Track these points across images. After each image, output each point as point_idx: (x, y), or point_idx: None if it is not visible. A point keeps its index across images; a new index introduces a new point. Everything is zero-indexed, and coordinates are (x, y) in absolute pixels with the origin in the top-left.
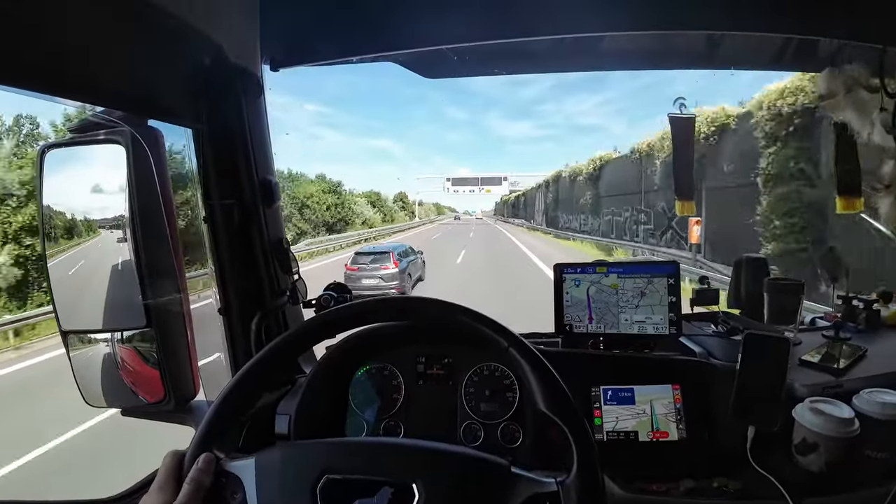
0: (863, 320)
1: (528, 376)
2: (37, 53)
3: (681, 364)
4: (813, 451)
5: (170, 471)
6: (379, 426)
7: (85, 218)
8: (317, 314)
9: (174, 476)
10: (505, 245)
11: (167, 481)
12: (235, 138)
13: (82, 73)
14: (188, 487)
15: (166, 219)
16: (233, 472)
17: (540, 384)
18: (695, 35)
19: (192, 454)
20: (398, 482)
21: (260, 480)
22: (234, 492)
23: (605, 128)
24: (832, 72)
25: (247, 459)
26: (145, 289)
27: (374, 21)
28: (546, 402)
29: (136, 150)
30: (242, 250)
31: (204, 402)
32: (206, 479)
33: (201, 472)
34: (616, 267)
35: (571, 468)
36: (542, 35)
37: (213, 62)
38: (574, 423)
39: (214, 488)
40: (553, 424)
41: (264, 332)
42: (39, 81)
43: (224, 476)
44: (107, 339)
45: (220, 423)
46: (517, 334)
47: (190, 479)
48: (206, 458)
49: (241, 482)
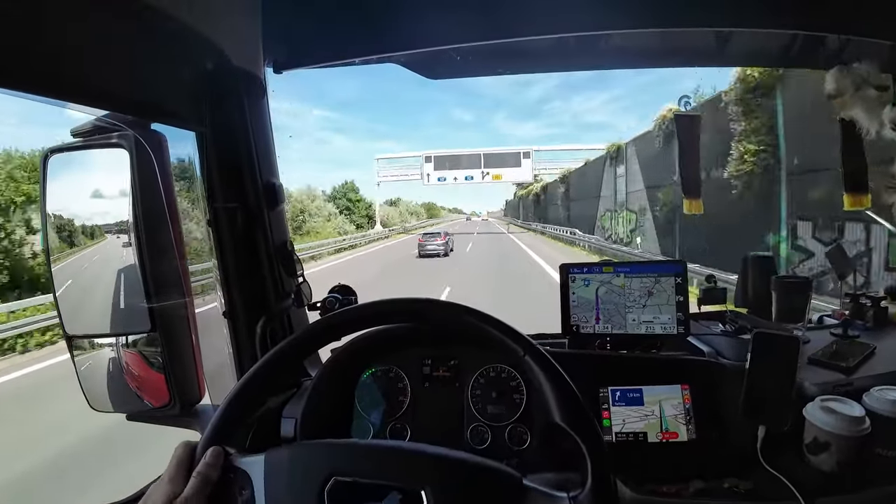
0: (870, 318)
1: (544, 386)
2: (38, 57)
3: (690, 364)
4: (825, 451)
5: (181, 462)
6: (385, 429)
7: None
8: (322, 317)
9: (184, 468)
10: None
11: (177, 473)
12: (239, 141)
13: (84, 77)
14: (195, 480)
15: (170, 223)
16: (241, 468)
17: (556, 396)
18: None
19: (202, 447)
20: (407, 488)
21: (268, 478)
22: (243, 488)
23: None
24: (840, 70)
25: (256, 456)
26: (150, 293)
27: (376, 22)
28: (562, 415)
29: (140, 154)
30: (247, 253)
31: (209, 407)
32: (213, 474)
33: (209, 465)
34: (623, 267)
35: (585, 482)
36: (546, 34)
37: (216, 65)
38: (590, 438)
39: (222, 483)
40: (566, 436)
41: (269, 336)
42: (41, 85)
43: (233, 471)
44: (111, 344)
45: (230, 419)
46: (533, 341)
47: (197, 472)
48: (215, 452)
49: (249, 479)
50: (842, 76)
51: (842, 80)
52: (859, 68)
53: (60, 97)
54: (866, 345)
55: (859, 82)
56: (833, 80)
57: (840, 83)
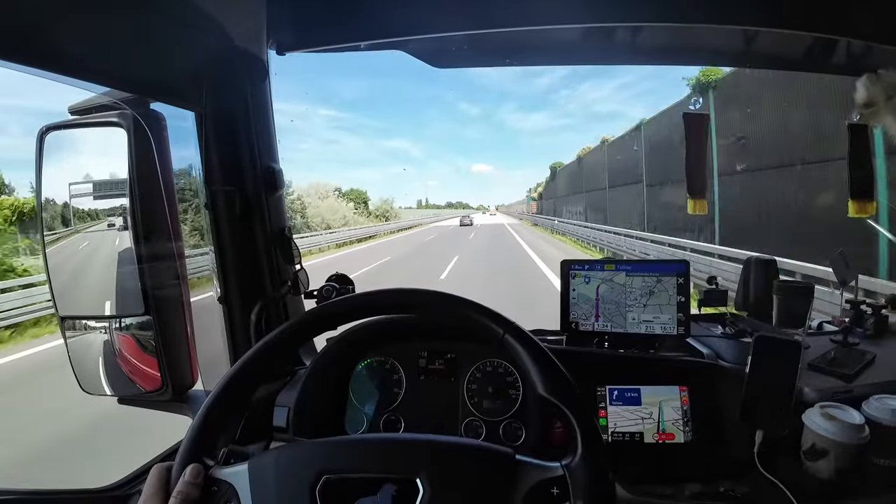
0: (871, 325)
1: (527, 363)
2: (40, 32)
3: (689, 365)
4: (822, 457)
5: (155, 486)
6: (379, 420)
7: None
8: (318, 305)
9: (160, 492)
10: None
11: (153, 496)
12: (239, 123)
13: (84, 52)
14: (174, 501)
15: (167, 204)
16: (225, 480)
17: (537, 368)
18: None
19: (178, 466)
20: (401, 477)
21: (255, 486)
22: (228, 500)
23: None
24: (871, 78)
25: (240, 466)
26: (144, 276)
27: (382, 6)
28: (545, 386)
29: (138, 134)
30: (244, 238)
31: (202, 392)
32: (193, 492)
33: (189, 484)
34: (624, 265)
35: (576, 451)
36: (555, 24)
37: (218, 44)
38: (575, 405)
39: (205, 497)
40: (556, 411)
41: (265, 323)
42: (41, 59)
43: (216, 484)
44: (105, 327)
45: (208, 429)
46: (512, 320)
47: (177, 492)
48: (194, 470)
49: (234, 490)
50: (872, 84)
51: (873, 89)
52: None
53: (58, 71)
54: (866, 352)
55: (891, 91)
56: (864, 88)
57: (871, 92)
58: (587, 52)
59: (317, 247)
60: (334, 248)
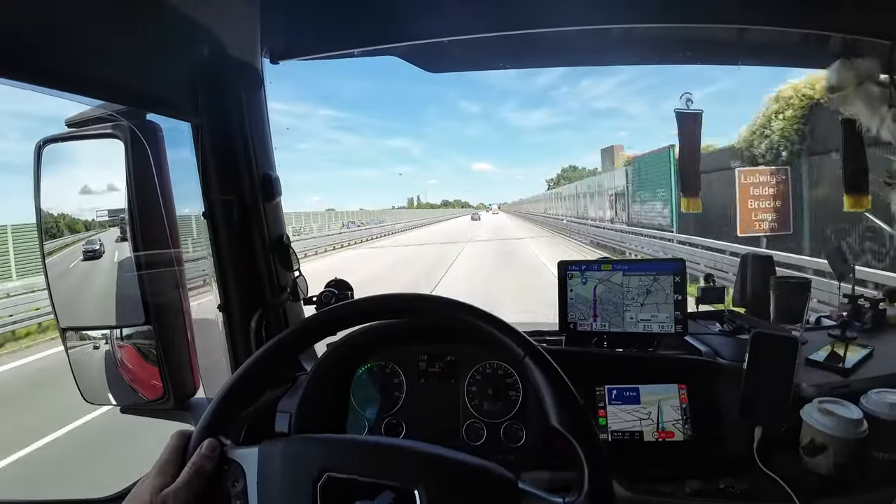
0: (869, 319)
1: (543, 389)
2: (35, 46)
3: (687, 363)
4: (821, 452)
5: (174, 452)
6: (380, 425)
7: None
8: (318, 311)
9: (177, 458)
10: None
11: (168, 463)
12: (235, 132)
13: (78, 65)
14: (188, 471)
15: (166, 214)
16: (235, 461)
17: (556, 400)
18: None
19: (196, 438)
20: (400, 487)
21: (262, 470)
22: (236, 480)
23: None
24: (843, 64)
25: (251, 448)
26: (144, 285)
27: (376, 12)
28: (561, 419)
29: (135, 145)
30: (243, 246)
31: (204, 400)
32: (208, 465)
33: (205, 457)
34: (621, 264)
35: (581, 488)
36: (548, 27)
37: (212, 54)
38: (589, 444)
39: (216, 475)
40: (563, 444)
41: (265, 330)
42: (36, 73)
43: (226, 463)
44: (106, 336)
45: (225, 410)
46: (533, 342)
47: (192, 462)
48: (211, 444)
49: (242, 471)
50: (844, 70)
51: (844, 74)
52: (861, 63)
53: (56, 86)
54: (864, 346)
55: (861, 77)
56: (835, 73)
57: (842, 76)
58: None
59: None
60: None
